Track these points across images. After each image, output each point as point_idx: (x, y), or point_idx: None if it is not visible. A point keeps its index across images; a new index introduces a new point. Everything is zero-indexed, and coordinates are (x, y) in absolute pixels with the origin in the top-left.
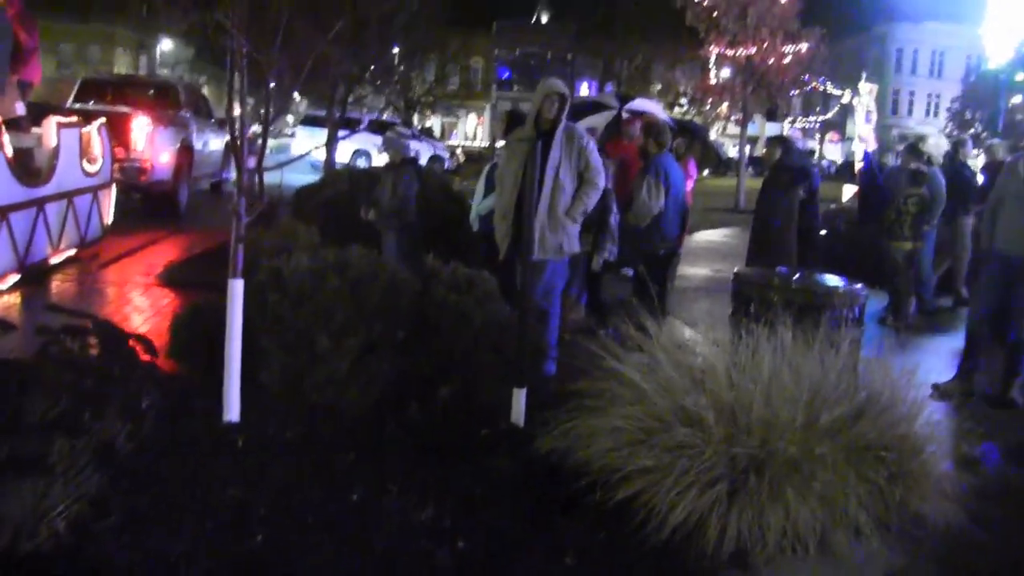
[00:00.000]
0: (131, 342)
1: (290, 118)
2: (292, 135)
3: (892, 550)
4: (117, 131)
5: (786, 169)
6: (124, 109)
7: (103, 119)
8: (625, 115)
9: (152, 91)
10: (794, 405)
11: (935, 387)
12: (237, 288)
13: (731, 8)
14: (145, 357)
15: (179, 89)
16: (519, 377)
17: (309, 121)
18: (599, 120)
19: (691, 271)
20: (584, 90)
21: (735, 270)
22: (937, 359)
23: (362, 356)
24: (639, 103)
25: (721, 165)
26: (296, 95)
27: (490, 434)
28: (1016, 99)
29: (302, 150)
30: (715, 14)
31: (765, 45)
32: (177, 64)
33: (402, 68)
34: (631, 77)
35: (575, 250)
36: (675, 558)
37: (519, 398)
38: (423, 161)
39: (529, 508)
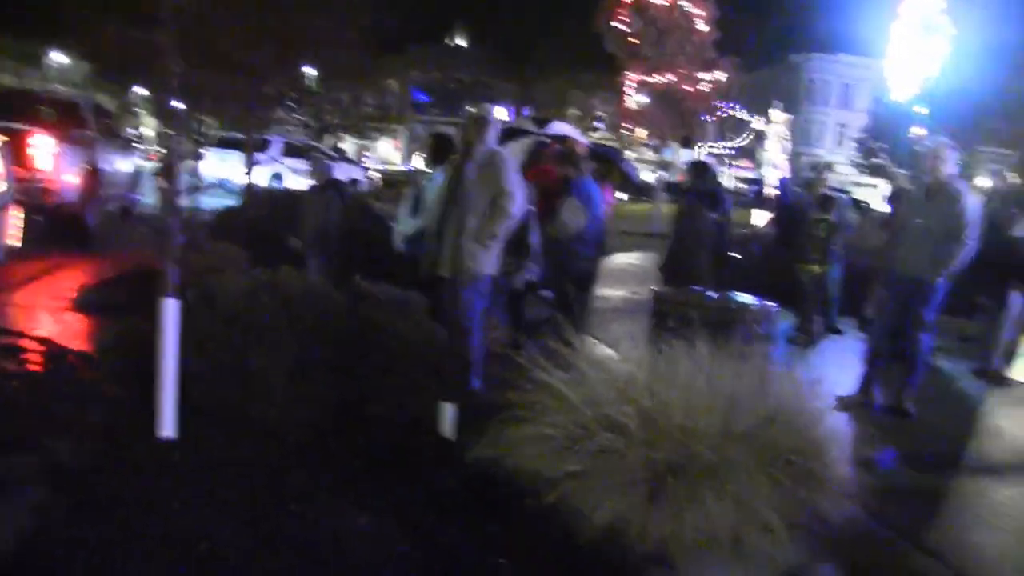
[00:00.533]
0: (71, 358)
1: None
2: (201, 157)
3: (799, 546)
4: (18, 150)
5: (701, 194)
6: (25, 126)
7: (4, 137)
8: (546, 139)
9: (54, 108)
10: (710, 413)
11: (838, 398)
12: (170, 307)
13: (649, 36)
14: (85, 375)
15: (82, 106)
16: (448, 391)
17: (219, 143)
18: (518, 146)
19: (608, 292)
20: (501, 114)
21: (653, 288)
22: (840, 373)
23: (295, 374)
24: (557, 127)
25: (636, 190)
26: (207, 117)
27: (423, 447)
28: (919, 131)
29: (213, 173)
30: (634, 41)
31: (681, 72)
32: (71, 80)
33: (318, 90)
34: (549, 102)
35: (484, 272)
36: (600, 557)
37: (449, 411)
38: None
39: (462, 514)
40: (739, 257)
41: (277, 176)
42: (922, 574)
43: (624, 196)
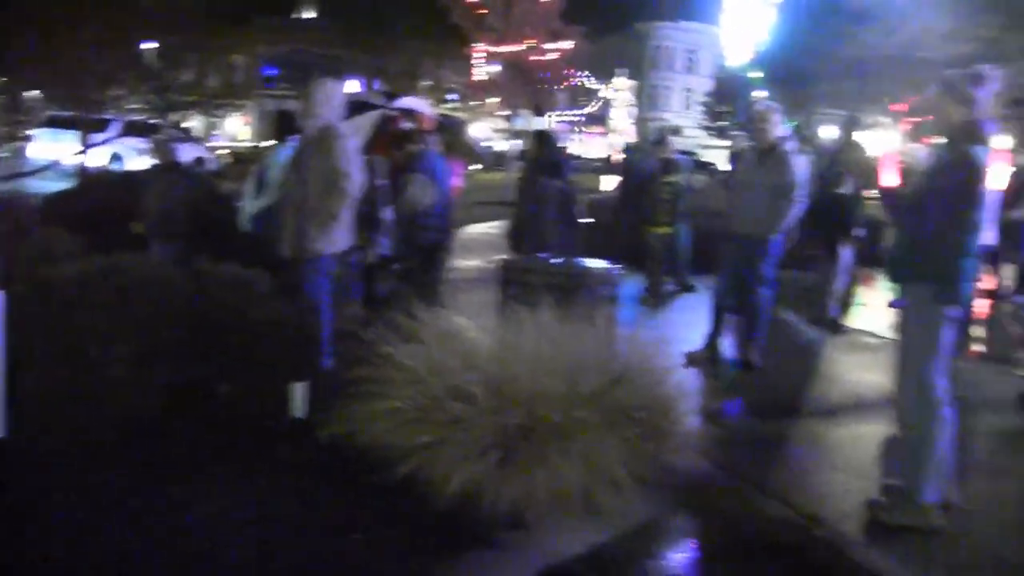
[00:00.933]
0: None
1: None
2: (29, 138)
3: (647, 501)
4: None
5: (543, 162)
6: None
7: None
8: (394, 113)
9: None
10: (557, 377)
11: (687, 355)
12: None
13: (495, 6)
14: None
15: None
16: (298, 371)
17: (51, 123)
18: (366, 120)
19: (465, 263)
20: (355, 87)
21: (501, 258)
22: (690, 330)
23: (139, 361)
24: (407, 101)
25: (486, 161)
26: (34, 94)
27: (275, 427)
28: (760, 95)
29: (43, 155)
30: (480, 12)
31: (530, 42)
32: None
33: (160, 66)
34: (400, 74)
35: (324, 252)
36: (456, 524)
37: (300, 391)
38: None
39: (317, 492)
40: (589, 222)
41: (117, 157)
42: (767, 517)
43: (480, 166)
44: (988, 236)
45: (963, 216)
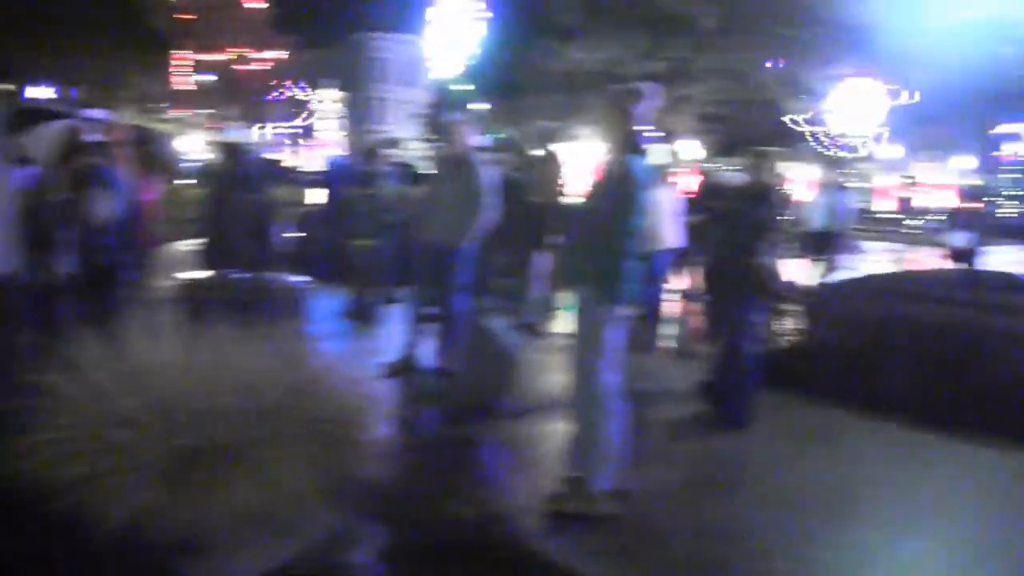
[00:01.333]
0: None
1: None
2: None
3: (333, 512)
4: None
5: (234, 176)
6: None
7: None
8: (83, 123)
9: None
10: (231, 394)
11: (385, 365)
12: None
13: (198, 12)
14: None
15: None
16: None
17: None
18: (47, 130)
19: (159, 282)
20: (47, 93)
21: (181, 276)
22: (391, 341)
23: None
24: (93, 111)
25: (176, 174)
26: None
27: None
28: (479, 107)
29: None
30: (182, 17)
31: (237, 51)
32: None
33: None
34: (94, 80)
35: None
36: (126, 557)
37: None
38: None
39: None
40: (300, 236)
41: None
42: (455, 519)
43: (193, 180)
44: (676, 239)
45: (619, 221)
